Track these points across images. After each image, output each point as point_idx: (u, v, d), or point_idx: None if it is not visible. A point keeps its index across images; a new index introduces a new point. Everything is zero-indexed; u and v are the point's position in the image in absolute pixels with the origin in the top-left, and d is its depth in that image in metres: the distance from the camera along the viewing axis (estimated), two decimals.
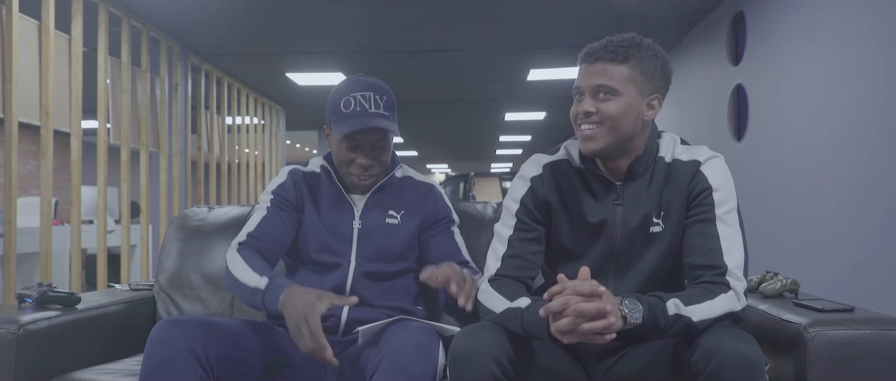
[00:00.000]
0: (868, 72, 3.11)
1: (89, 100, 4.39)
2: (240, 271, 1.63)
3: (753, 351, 1.28)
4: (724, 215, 1.47)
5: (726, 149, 4.82)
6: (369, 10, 4.93)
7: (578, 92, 1.50)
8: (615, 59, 1.46)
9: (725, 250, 1.44)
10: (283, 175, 1.84)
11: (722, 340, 1.30)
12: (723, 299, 1.38)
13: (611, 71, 1.46)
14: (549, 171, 1.59)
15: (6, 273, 3.51)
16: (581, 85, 1.49)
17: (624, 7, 4.87)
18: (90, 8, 4.31)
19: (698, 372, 1.29)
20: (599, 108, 1.46)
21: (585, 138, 1.49)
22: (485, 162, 20.76)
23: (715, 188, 1.49)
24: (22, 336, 1.63)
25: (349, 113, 1.70)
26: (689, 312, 1.35)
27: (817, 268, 3.48)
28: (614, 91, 1.45)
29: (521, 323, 1.40)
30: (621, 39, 1.47)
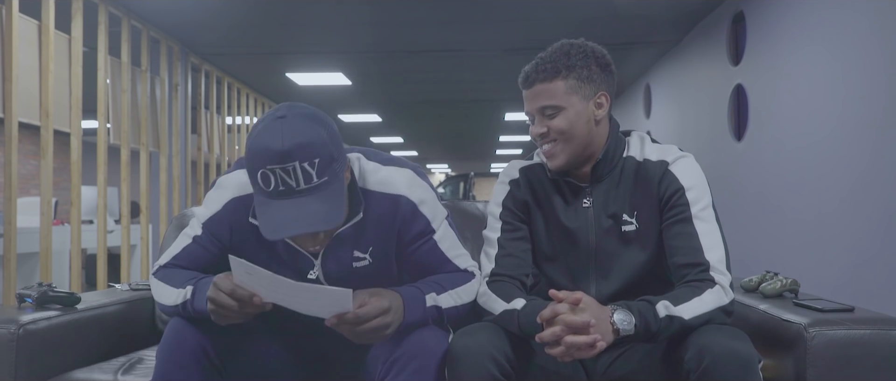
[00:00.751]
0: (868, 72, 3.10)
1: (89, 100, 4.39)
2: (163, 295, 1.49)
3: (746, 348, 1.29)
4: (699, 212, 1.49)
5: (726, 149, 4.82)
6: (369, 10, 4.93)
7: (529, 116, 1.56)
8: (548, 76, 1.50)
9: (705, 246, 1.46)
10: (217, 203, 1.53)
11: (714, 338, 1.30)
12: (709, 294, 1.39)
13: (548, 90, 1.50)
14: (525, 175, 1.64)
15: (6, 273, 3.51)
16: (529, 109, 1.55)
17: (624, 7, 4.87)
18: (90, 8, 4.31)
19: (691, 371, 1.30)
20: (549, 126, 1.51)
21: (548, 156, 1.54)
22: (485, 162, 20.75)
23: (687, 188, 1.51)
24: (22, 336, 1.63)
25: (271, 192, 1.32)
26: (679, 311, 1.35)
27: (817, 268, 3.48)
28: (557, 107, 1.50)
29: (518, 324, 1.42)
30: (550, 55, 1.52)
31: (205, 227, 1.55)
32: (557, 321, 1.30)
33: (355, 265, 1.51)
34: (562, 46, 1.53)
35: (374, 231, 1.51)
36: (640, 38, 5.79)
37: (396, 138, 13.71)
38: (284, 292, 1.31)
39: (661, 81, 6.64)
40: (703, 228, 1.48)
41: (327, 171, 1.33)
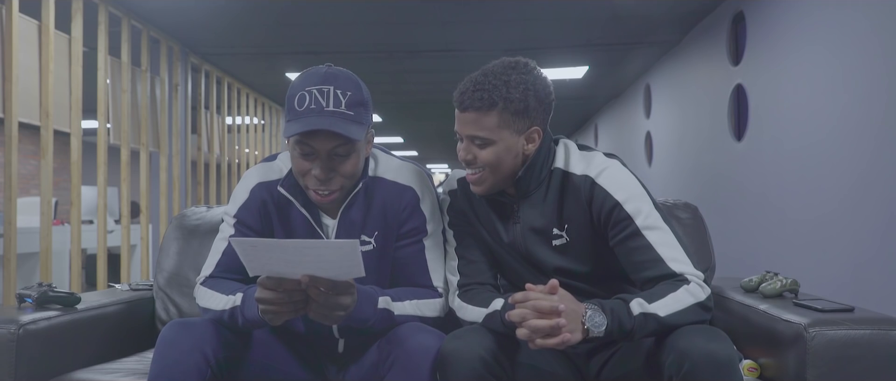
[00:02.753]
0: (868, 72, 3.10)
1: (89, 100, 4.39)
2: (211, 302, 1.51)
3: (725, 350, 1.27)
4: (645, 221, 1.42)
5: (726, 149, 4.82)
6: (369, 10, 4.93)
7: (458, 135, 1.50)
8: (482, 107, 1.42)
9: (666, 257, 1.41)
10: (244, 191, 1.62)
11: (693, 341, 1.28)
12: (684, 290, 1.36)
13: (481, 121, 1.43)
14: (462, 186, 1.61)
15: (6, 273, 3.51)
16: (458, 131, 1.48)
17: (624, 7, 4.87)
18: (90, 8, 4.31)
19: (672, 376, 1.28)
20: (477, 155, 1.46)
21: (472, 182, 1.50)
22: None
23: (623, 201, 1.44)
24: (22, 336, 1.63)
25: (302, 111, 1.42)
26: (654, 308, 1.33)
27: (817, 268, 3.48)
28: (487, 140, 1.44)
29: (502, 323, 1.41)
30: (489, 80, 1.43)
31: (236, 218, 1.60)
32: (527, 304, 1.29)
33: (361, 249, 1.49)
34: (504, 71, 1.45)
35: (380, 218, 1.57)
36: (640, 38, 5.79)
37: (396, 138, 13.70)
38: (291, 255, 1.28)
39: (661, 81, 6.64)
40: (656, 237, 1.42)
41: (355, 108, 1.43)
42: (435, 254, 1.61)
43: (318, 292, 1.33)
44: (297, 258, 1.28)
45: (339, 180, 1.48)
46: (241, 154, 7.14)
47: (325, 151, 1.44)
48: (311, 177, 1.47)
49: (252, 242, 1.30)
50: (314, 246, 1.29)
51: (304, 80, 1.45)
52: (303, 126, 1.40)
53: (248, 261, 1.32)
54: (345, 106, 1.43)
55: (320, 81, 1.43)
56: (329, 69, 1.47)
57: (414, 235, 1.59)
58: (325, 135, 1.42)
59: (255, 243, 1.30)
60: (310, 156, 1.46)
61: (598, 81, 7.59)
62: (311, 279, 1.31)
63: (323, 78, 1.44)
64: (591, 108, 9.96)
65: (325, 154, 1.45)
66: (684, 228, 2.03)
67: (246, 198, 1.61)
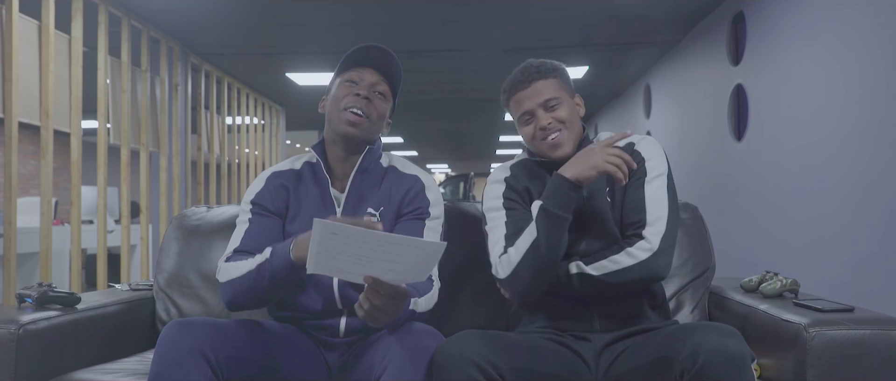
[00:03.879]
0: (868, 72, 3.10)
1: (89, 100, 4.39)
2: (235, 271, 1.58)
3: (739, 347, 1.29)
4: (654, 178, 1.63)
5: (726, 149, 4.82)
6: (369, 10, 4.93)
7: (528, 115, 1.68)
8: (545, 75, 1.68)
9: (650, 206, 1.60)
10: (260, 182, 1.77)
11: (708, 336, 1.30)
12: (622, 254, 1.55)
13: (548, 86, 1.68)
14: (515, 170, 1.77)
15: (6, 273, 3.51)
16: (529, 107, 1.67)
17: (624, 7, 4.87)
18: (90, 8, 4.31)
19: (686, 370, 1.30)
20: (554, 116, 1.67)
21: (556, 146, 1.67)
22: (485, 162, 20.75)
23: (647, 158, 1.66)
24: (22, 336, 1.63)
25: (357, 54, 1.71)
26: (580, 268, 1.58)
27: (817, 268, 3.48)
28: (558, 99, 1.68)
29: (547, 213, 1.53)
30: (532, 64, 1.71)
31: (253, 204, 1.73)
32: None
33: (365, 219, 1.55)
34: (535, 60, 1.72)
35: (386, 197, 1.73)
36: (640, 38, 5.79)
37: (396, 138, 13.71)
38: (369, 249, 1.23)
39: (661, 81, 6.64)
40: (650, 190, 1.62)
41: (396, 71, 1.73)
42: (431, 230, 1.72)
43: (376, 295, 1.34)
44: (372, 254, 1.24)
45: (371, 110, 1.68)
46: (241, 154, 7.14)
47: (369, 82, 1.69)
48: (352, 97, 1.67)
49: (333, 227, 1.23)
50: (400, 242, 1.25)
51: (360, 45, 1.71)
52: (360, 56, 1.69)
53: (318, 250, 1.26)
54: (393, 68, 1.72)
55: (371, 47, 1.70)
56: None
57: (417, 213, 1.73)
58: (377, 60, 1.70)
59: (336, 229, 1.23)
60: (356, 83, 1.69)
61: (598, 80, 7.60)
62: (374, 284, 1.32)
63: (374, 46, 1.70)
64: (591, 108, 9.96)
65: (368, 85, 1.69)
66: (684, 228, 2.03)
67: (262, 186, 1.76)
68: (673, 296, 1.96)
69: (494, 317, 1.99)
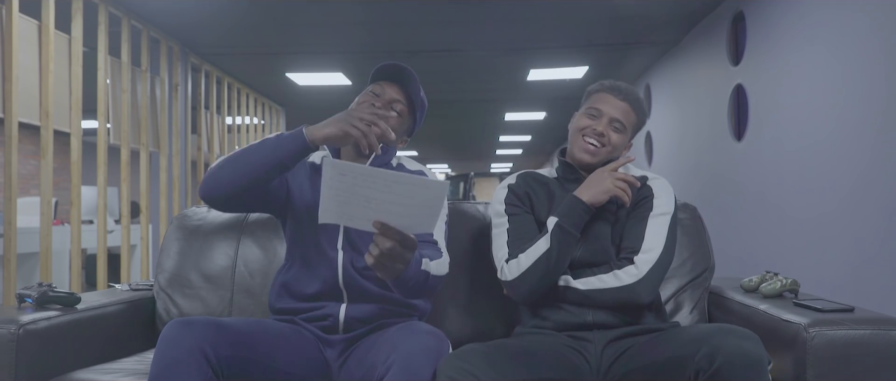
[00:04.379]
0: (868, 72, 3.11)
1: (89, 100, 4.39)
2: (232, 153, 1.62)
3: (757, 350, 1.30)
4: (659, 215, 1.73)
5: (726, 149, 4.82)
6: (369, 10, 4.93)
7: (597, 113, 1.79)
8: (633, 108, 1.80)
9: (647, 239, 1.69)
10: None
11: (726, 338, 1.31)
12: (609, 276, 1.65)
13: (628, 114, 1.80)
14: (523, 178, 1.88)
15: (6, 273, 3.51)
16: (603, 109, 1.79)
17: (624, 7, 4.87)
18: (90, 8, 4.32)
19: (702, 370, 1.31)
20: (609, 135, 1.78)
21: (589, 152, 1.78)
22: (485, 162, 20.76)
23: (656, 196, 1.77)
24: (22, 336, 1.63)
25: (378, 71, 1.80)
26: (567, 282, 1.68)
27: (817, 268, 3.48)
28: (624, 129, 1.80)
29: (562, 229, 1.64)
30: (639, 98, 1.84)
31: None
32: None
33: None
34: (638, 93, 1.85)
35: None
36: (640, 38, 5.79)
37: None
38: (379, 190, 1.27)
39: (661, 81, 6.64)
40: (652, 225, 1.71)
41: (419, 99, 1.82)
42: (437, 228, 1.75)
43: (385, 240, 1.35)
44: (381, 196, 1.27)
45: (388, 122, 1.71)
46: None
47: (389, 97, 1.77)
48: (370, 105, 1.75)
49: (342, 166, 1.26)
50: (405, 181, 1.27)
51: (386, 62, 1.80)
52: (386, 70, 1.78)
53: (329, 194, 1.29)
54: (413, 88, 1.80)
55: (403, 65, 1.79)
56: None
57: None
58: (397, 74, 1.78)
59: (345, 169, 1.26)
60: (378, 97, 1.77)
61: (598, 80, 7.59)
62: (383, 228, 1.33)
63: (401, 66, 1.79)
64: None
65: (388, 100, 1.77)
66: (683, 228, 2.03)
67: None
68: (672, 297, 1.96)
69: (496, 316, 1.99)
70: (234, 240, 2.11)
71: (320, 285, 1.73)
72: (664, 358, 1.44)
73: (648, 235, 1.68)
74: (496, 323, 1.98)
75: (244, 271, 2.07)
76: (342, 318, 1.71)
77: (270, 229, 2.10)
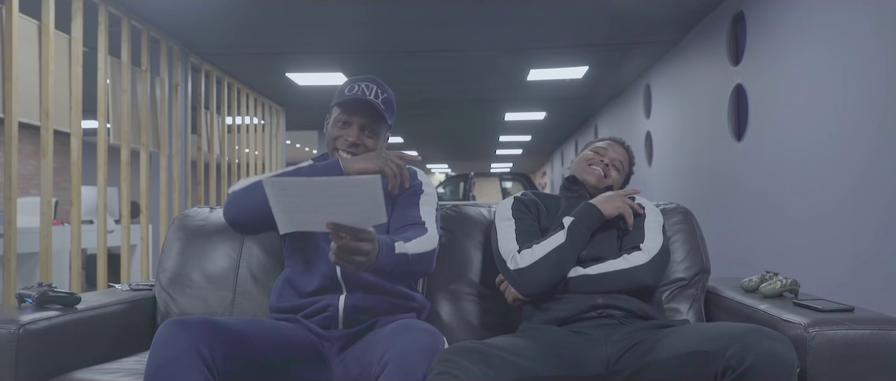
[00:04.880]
0: (868, 72, 3.11)
1: (89, 100, 4.39)
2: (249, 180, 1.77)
3: (789, 353, 1.32)
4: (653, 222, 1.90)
5: (726, 149, 4.83)
6: (369, 9, 4.93)
7: (602, 151, 2.07)
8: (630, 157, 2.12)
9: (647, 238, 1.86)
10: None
11: (760, 340, 1.32)
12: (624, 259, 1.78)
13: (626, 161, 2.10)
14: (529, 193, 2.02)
15: (6, 273, 3.51)
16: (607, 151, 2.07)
17: (624, 7, 4.87)
18: (90, 8, 4.32)
19: (731, 368, 1.32)
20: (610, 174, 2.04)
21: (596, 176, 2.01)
22: (485, 162, 20.76)
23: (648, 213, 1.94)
24: (22, 336, 1.63)
25: (349, 94, 1.84)
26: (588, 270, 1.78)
27: (817, 268, 3.48)
28: (621, 170, 2.07)
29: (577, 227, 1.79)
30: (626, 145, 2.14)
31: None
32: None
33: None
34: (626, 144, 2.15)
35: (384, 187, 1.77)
36: (640, 38, 5.79)
37: (396, 138, 13.71)
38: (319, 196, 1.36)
39: (661, 81, 6.64)
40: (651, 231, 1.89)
41: (387, 105, 1.87)
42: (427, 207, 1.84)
43: (339, 238, 1.41)
44: (323, 201, 1.35)
45: (363, 150, 1.84)
46: (241, 154, 7.14)
47: (359, 124, 1.84)
48: (342, 140, 1.84)
49: (282, 183, 1.36)
50: (339, 183, 1.36)
51: (355, 78, 1.89)
52: (349, 99, 1.84)
53: (278, 208, 1.38)
54: (381, 100, 1.86)
55: (368, 80, 1.88)
56: (375, 78, 1.92)
57: (411, 193, 1.87)
58: (363, 109, 1.84)
59: (285, 184, 1.36)
60: (347, 125, 1.85)
61: (598, 81, 7.60)
62: (334, 227, 1.39)
63: (371, 79, 1.89)
64: (591, 108, 9.96)
65: (359, 126, 1.85)
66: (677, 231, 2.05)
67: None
68: (668, 299, 1.97)
69: (495, 317, 1.99)
70: (238, 241, 2.12)
71: (320, 281, 1.76)
72: (687, 351, 1.43)
73: (648, 233, 1.85)
74: (496, 322, 1.98)
75: (246, 273, 2.08)
76: (342, 308, 1.73)
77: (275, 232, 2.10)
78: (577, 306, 1.72)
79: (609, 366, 1.57)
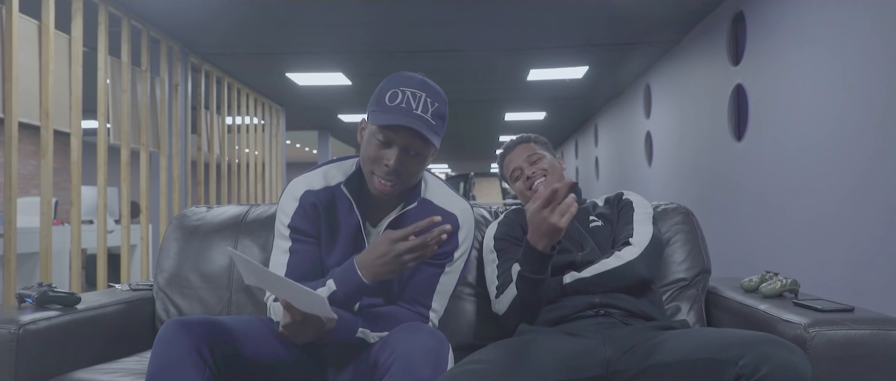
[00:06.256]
0: (868, 72, 3.10)
1: (89, 100, 4.39)
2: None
3: (804, 364, 1.29)
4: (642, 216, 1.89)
5: (726, 149, 4.82)
6: (369, 10, 4.93)
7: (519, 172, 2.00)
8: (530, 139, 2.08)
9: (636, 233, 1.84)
10: (293, 201, 1.69)
11: (775, 350, 1.30)
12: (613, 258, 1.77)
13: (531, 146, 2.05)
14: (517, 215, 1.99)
15: (6, 273, 3.51)
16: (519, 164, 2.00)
17: (624, 7, 4.87)
18: (90, 8, 4.32)
19: (744, 377, 1.29)
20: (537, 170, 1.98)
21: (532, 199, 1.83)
22: (485, 162, 20.75)
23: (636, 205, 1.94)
24: (22, 336, 1.63)
25: (392, 106, 1.53)
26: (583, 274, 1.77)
27: (817, 268, 3.48)
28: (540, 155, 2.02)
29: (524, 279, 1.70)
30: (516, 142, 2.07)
31: (291, 228, 1.67)
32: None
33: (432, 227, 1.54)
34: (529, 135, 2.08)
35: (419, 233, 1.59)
36: (640, 38, 5.79)
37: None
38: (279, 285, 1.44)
39: (661, 81, 6.64)
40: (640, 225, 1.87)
41: (437, 120, 1.58)
42: (448, 280, 1.70)
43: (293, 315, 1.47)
44: (278, 288, 1.44)
45: (405, 176, 1.58)
46: (241, 154, 7.14)
47: (401, 146, 1.54)
48: (382, 165, 1.56)
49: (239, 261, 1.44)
50: (291, 287, 1.41)
51: (399, 80, 1.57)
52: (392, 120, 1.51)
53: (245, 272, 1.48)
54: (430, 115, 1.55)
55: (415, 86, 1.56)
56: (423, 78, 1.60)
57: (439, 258, 1.67)
58: (408, 132, 1.52)
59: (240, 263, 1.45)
60: (387, 146, 1.55)
61: (598, 81, 7.60)
62: (288, 305, 1.46)
63: (418, 84, 1.57)
64: (591, 108, 9.96)
65: (401, 148, 1.55)
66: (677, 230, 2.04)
67: (296, 206, 1.68)
68: (669, 299, 1.96)
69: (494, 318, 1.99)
70: (233, 239, 2.11)
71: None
72: (697, 357, 1.40)
73: (636, 227, 1.85)
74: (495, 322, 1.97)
75: None
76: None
77: (269, 228, 2.09)
78: (575, 304, 1.74)
79: (609, 367, 1.55)
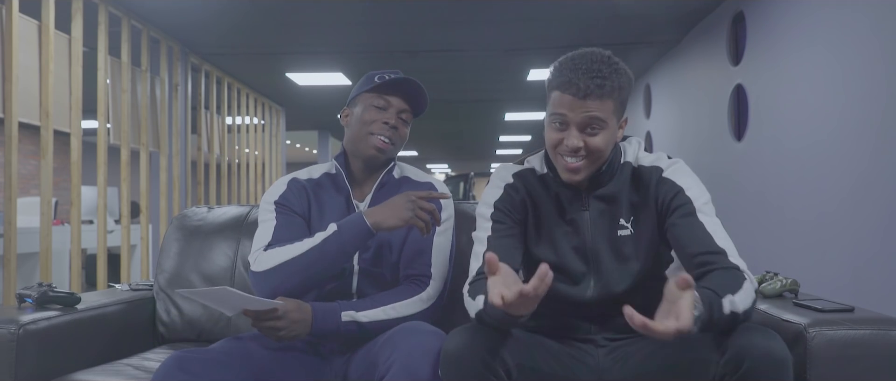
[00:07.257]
0: (868, 72, 3.11)
1: (89, 100, 4.39)
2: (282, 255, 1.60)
3: (783, 349, 1.26)
4: (702, 206, 1.49)
5: (726, 149, 4.82)
6: (369, 10, 4.93)
7: (562, 121, 1.47)
8: (603, 94, 1.44)
9: (716, 236, 1.46)
10: (281, 185, 1.80)
11: (752, 339, 1.27)
12: (748, 284, 1.35)
13: (601, 107, 1.44)
14: (520, 179, 1.63)
15: (6, 273, 3.51)
16: (568, 115, 1.45)
17: (624, 7, 4.87)
18: (90, 8, 4.31)
19: (727, 374, 1.27)
20: (587, 142, 1.47)
21: (571, 171, 1.50)
22: (485, 162, 20.76)
23: (686, 187, 1.51)
24: (22, 336, 1.63)
25: (379, 81, 1.76)
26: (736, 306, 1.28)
27: (817, 268, 3.48)
28: (603, 124, 1.46)
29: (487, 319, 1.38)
30: (600, 69, 1.44)
31: (277, 204, 1.76)
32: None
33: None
34: (609, 59, 1.46)
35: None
36: (640, 38, 5.79)
37: None
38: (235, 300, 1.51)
39: (661, 81, 6.64)
40: (708, 221, 1.48)
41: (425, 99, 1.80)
42: (442, 241, 1.75)
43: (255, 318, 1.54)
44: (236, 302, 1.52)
45: (397, 137, 1.77)
46: (241, 154, 7.14)
47: (397, 107, 1.76)
48: (381, 124, 1.74)
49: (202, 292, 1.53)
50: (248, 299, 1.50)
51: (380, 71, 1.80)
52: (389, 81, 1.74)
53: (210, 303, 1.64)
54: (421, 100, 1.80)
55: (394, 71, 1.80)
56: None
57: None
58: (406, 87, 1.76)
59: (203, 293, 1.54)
60: (384, 110, 1.75)
61: None
62: (245, 311, 1.53)
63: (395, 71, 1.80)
64: None
65: (395, 112, 1.76)
66: None
67: (284, 189, 1.79)
68: None
69: None
70: (234, 240, 2.11)
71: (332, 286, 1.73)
72: (682, 360, 1.38)
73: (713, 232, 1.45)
74: None
75: (244, 272, 2.07)
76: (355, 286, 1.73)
77: None
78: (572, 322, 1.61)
79: (600, 377, 1.53)
